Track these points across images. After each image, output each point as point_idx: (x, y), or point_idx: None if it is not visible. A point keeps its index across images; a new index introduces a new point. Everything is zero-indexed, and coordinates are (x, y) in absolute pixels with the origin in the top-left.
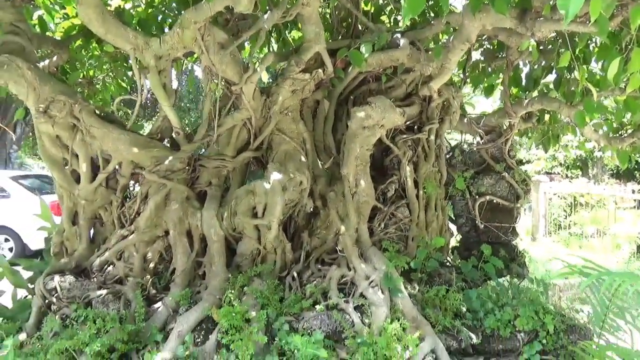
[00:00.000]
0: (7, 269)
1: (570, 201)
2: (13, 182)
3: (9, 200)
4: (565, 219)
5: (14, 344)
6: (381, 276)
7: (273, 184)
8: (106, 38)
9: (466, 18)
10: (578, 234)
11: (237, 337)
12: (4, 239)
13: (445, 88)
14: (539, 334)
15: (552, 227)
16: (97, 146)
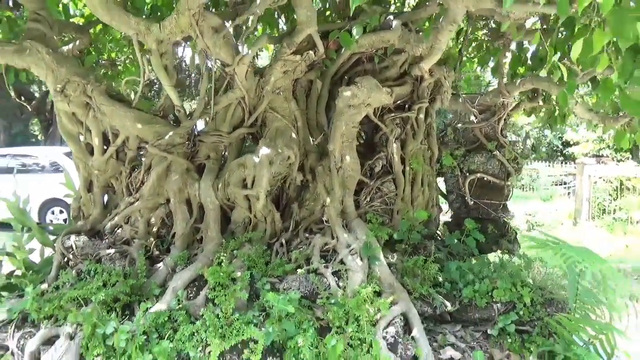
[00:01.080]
0: (36, 229)
1: (616, 185)
2: (67, 158)
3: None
4: (611, 203)
5: (35, 292)
6: (361, 245)
7: (261, 158)
8: (111, 24)
9: (451, 0)
10: (623, 219)
11: (222, 293)
12: (59, 211)
13: (437, 68)
14: (516, 305)
15: (596, 212)
16: (107, 122)
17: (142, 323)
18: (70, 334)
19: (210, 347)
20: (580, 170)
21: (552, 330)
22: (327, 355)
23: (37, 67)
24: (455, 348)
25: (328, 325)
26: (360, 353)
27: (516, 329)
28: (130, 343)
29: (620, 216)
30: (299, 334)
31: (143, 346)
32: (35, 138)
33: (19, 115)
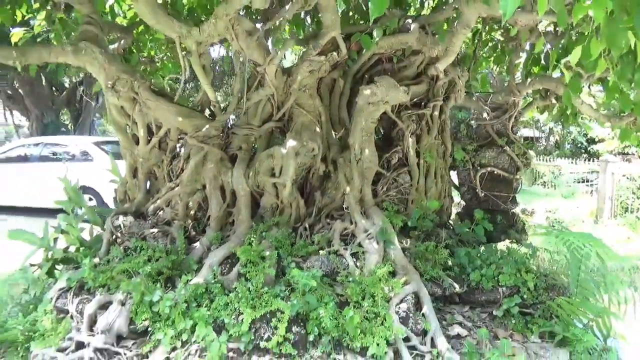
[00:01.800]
0: (88, 209)
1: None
2: (96, 147)
3: (92, 163)
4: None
5: (90, 264)
6: (377, 230)
7: (288, 149)
8: (157, 28)
9: (464, 6)
10: None
11: (252, 270)
12: (88, 198)
13: (451, 68)
14: (520, 289)
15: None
16: (152, 115)
17: (182, 293)
18: (122, 301)
19: (242, 315)
20: (603, 167)
21: (553, 313)
22: (345, 325)
23: (91, 65)
24: (463, 326)
25: (346, 300)
26: (375, 325)
27: (519, 311)
28: (173, 310)
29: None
30: (321, 307)
31: (185, 312)
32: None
33: (50, 105)
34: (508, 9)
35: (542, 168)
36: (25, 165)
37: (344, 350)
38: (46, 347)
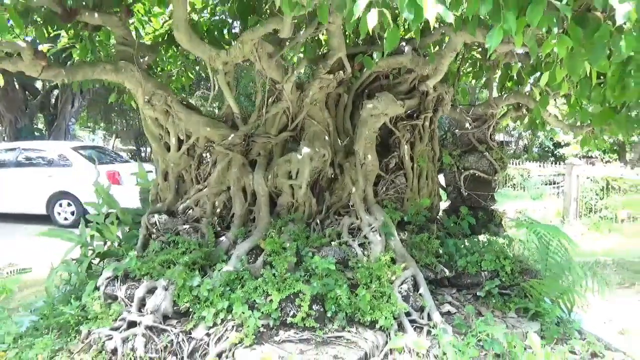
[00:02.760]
0: (120, 210)
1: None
2: (74, 152)
3: (71, 169)
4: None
5: (134, 256)
6: (380, 224)
7: (303, 155)
8: (191, 50)
9: (452, 33)
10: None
11: (276, 258)
12: (67, 204)
13: (440, 85)
14: (499, 273)
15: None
16: (182, 126)
17: (218, 279)
18: (165, 286)
19: (270, 296)
20: (568, 170)
21: (527, 292)
22: (358, 303)
23: (129, 82)
24: (452, 305)
25: (357, 283)
26: (382, 302)
27: (499, 292)
28: (211, 293)
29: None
30: (337, 288)
31: (222, 295)
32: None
33: (24, 110)
34: (492, 43)
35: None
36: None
37: (356, 325)
38: (100, 327)
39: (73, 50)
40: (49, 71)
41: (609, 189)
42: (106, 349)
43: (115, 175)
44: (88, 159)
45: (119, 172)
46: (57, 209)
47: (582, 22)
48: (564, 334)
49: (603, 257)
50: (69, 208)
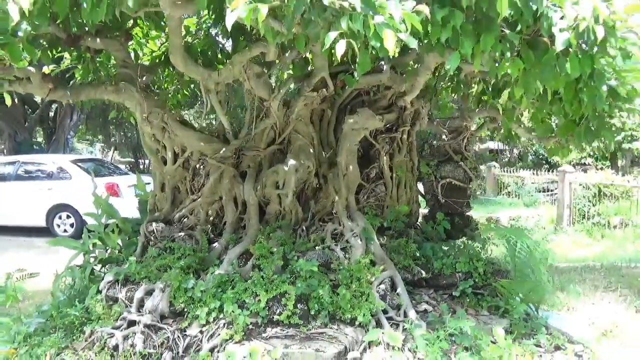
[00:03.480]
0: (120, 219)
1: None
2: (73, 165)
3: (70, 181)
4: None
5: (133, 261)
6: (360, 230)
7: (289, 167)
8: (185, 72)
9: (424, 54)
10: (602, 224)
11: (264, 262)
12: (66, 216)
13: (416, 100)
14: (472, 274)
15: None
16: (178, 141)
17: (211, 281)
18: (162, 288)
19: (259, 296)
20: (561, 177)
21: (498, 292)
22: (339, 302)
23: (129, 102)
24: (428, 304)
25: (338, 284)
26: (361, 301)
27: (472, 292)
28: (204, 294)
29: (599, 221)
30: (319, 288)
31: (214, 295)
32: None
33: (23, 123)
34: (451, 65)
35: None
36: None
37: (337, 322)
38: (102, 326)
39: (76, 71)
40: (55, 93)
41: (601, 195)
42: (108, 346)
43: (114, 187)
44: (87, 171)
45: (118, 185)
46: (56, 221)
47: (533, 46)
48: (532, 330)
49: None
50: (68, 220)
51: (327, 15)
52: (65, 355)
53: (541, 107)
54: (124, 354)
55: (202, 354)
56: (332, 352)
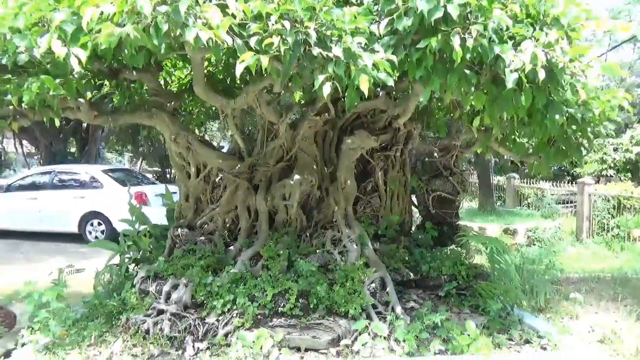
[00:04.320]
0: (150, 226)
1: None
2: (105, 175)
3: (102, 190)
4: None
5: (162, 261)
6: (356, 236)
7: (295, 181)
8: (207, 100)
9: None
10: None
11: (272, 263)
12: (98, 223)
13: (409, 122)
14: (456, 277)
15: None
16: (200, 158)
17: (226, 278)
18: (185, 283)
19: (266, 291)
20: (580, 189)
21: (479, 292)
22: (334, 297)
23: (160, 125)
24: (416, 302)
25: (334, 282)
26: (354, 297)
27: (456, 292)
28: (220, 288)
29: (619, 233)
30: (318, 285)
31: (228, 290)
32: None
33: (58, 134)
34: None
35: (527, 190)
36: (38, 193)
37: (333, 315)
38: (136, 314)
39: (114, 96)
40: (99, 118)
41: (621, 207)
42: (141, 330)
43: (142, 196)
44: (117, 181)
45: (146, 194)
46: (88, 228)
47: (496, 82)
48: (506, 326)
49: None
50: (99, 227)
51: (317, 62)
52: (106, 337)
53: (512, 131)
54: (154, 336)
55: (218, 338)
56: (326, 339)
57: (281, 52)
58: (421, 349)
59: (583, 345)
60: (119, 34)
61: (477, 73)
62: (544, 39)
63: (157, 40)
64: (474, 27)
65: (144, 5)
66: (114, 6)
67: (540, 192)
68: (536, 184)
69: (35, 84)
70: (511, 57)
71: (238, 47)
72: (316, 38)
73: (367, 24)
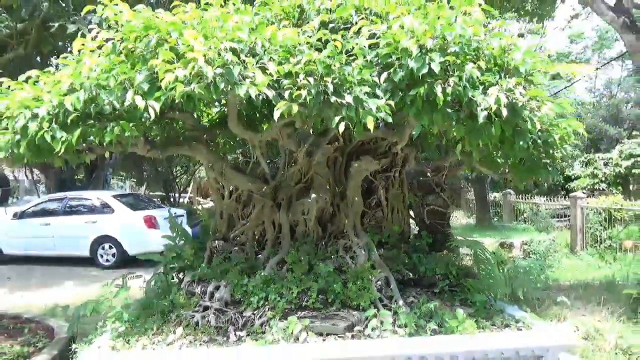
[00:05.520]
0: (190, 240)
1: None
2: (115, 200)
3: (112, 215)
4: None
5: (204, 267)
6: (364, 244)
7: (312, 199)
8: (238, 134)
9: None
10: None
11: (295, 266)
12: (109, 246)
13: (406, 148)
14: (448, 276)
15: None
16: (232, 182)
17: (258, 280)
18: (225, 285)
19: (292, 290)
20: (573, 203)
21: (467, 289)
22: (348, 293)
23: (198, 155)
24: (414, 297)
25: (347, 281)
26: (364, 292)
27: (449, 289)
28: (254, 288)
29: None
30: (334, 284)
31: (261, 289)
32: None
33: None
34: (416, 132)
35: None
36: (51, 219)
37: (347, 307)
38: (186, 311)
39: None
40: (151, 152)
41: (612, 220)
42: (191, 323)
43: (152, 219)
44: (128, 205)
45: (155, 217)
46: (100, 252)
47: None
48: (490, 315)
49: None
50: (110, 250)
51: (334, 107)
52: (163, 329)
53: (489, 153)
54: (203, 327)
55: (255, 327)
56: (343, 326)
57: (307, 100)
58: (419, 331)
59: (551, 327)
60: (187, 90)
61: (456, 111)
62: (506, 85)
63: (215, 94)
64: (451, 79)
65: (207, 70)
66: (186, 70)
67: (536, 207)
68: (531, 200)
69: (117, 128)
70: (481, 100)
71: (274, 97)
72: (332, 89)
73: (371, 75)
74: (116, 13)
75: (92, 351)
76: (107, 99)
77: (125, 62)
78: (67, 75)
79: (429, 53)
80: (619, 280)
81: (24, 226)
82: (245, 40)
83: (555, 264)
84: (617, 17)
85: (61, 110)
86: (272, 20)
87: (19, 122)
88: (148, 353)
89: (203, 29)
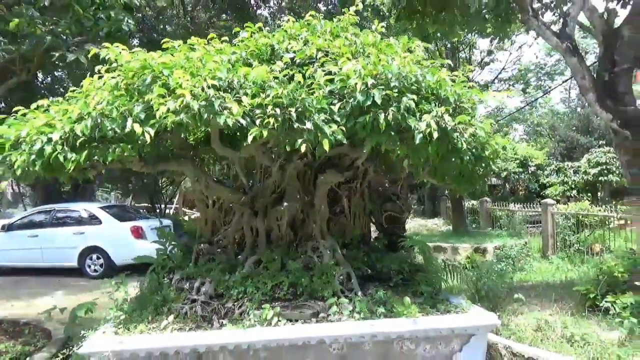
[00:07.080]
0: (179, 245)
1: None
2: (102, 211)
3: (100, 226)
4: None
5: (191, 267)
6: (329, 245)
7: (284, 207)
8: (220, 152)
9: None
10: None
11: (270, 265)
12: (97, 257)
13: (366, 162)
14: (402, 272)
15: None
16: (215, 193)
17: (238, 277)
18: (210, 281)
19: (267, 284)
20: (544, 209)
21: (417, 282)
22: (313, 286)
23: (186, 171)
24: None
25: (314, 276)
26: (327, 285)
27: (402, 282)
28: (235, 283)
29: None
30: (303, 278)
31: (240, 284)
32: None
33: None
34: (366, 150)
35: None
36: (39, 231)
37: (313, 298)
38: (176, 304)
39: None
40: (145, 167)
41: (580, 225)
42: (181, 313)
43: (139, 230)
44: (115, 216)
45: (142, 227)
46: (87, 262)
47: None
48: (436, 303)
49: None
50: (98, 261)
51: (297, 132)
52: (157, 319)
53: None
54: (191, 316)
55: (235, 316)
56: (309, 313)
57: (275, 127)
58: (372, 316)
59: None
60: (177, 120)
61: (399, 133)
62: (437, 113)
63: (200, 123)
64: (390, 109)
65: (193, 103)
66: (175, 103)
67: (511, 213)
68: (507, 207)
69: (118, 149)
70: (416, 125)
71: (247, 124)
72: (296, 117)
73: (329, 104)
74: (117, 55)
75: (98, 336)
76: (110, 126)
77: (125, 95)
78: (77, 107)
79: (371, 89)
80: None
81: (12, 238)
82: (224, 78)
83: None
84: (561, 43)
85: (71, 135)
86: (247, 57)
87: (36, 145)
88: (145, 336)
89: (190, 67)
